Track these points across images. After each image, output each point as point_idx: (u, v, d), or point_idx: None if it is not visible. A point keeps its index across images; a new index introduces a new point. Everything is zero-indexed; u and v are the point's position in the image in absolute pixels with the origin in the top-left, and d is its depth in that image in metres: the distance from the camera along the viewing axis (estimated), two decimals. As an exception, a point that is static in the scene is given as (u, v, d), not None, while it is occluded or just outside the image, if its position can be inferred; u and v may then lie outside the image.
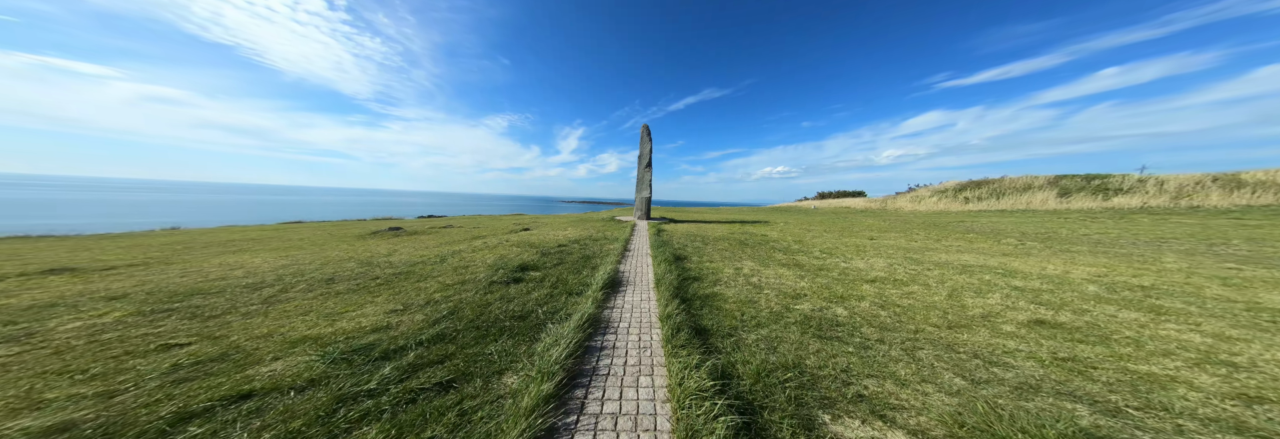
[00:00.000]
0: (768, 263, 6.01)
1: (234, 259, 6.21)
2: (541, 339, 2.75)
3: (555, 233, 9.43)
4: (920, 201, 26.47)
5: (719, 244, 8.06)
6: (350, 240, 9.33)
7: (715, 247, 7.68)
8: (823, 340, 2.85)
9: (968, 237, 9.42)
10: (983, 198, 23.39)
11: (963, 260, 6.15)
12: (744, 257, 6.58)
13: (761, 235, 10.11)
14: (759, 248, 7.64)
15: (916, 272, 5.25)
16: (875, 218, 18.43)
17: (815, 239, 9.23)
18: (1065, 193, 20.13)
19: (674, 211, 25.20)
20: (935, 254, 6.81)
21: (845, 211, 26.46)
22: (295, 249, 7.77)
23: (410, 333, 2.82)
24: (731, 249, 7.41)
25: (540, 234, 9.25)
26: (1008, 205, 20.79)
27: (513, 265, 5.20)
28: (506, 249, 6.67)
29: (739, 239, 9.01)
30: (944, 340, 2.86)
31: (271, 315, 3.15)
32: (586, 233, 9.48)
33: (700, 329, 3.06)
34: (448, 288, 4.08)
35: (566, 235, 8.87)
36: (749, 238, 9.33)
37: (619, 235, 9.14)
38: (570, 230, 10.14)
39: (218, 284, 4.17)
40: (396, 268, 5.09)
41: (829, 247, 7.81)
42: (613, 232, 10.02)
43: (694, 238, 9.00)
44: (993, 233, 10.22)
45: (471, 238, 9.10)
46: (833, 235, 10.14)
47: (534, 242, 7.66)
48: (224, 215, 32.22)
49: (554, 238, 8.34)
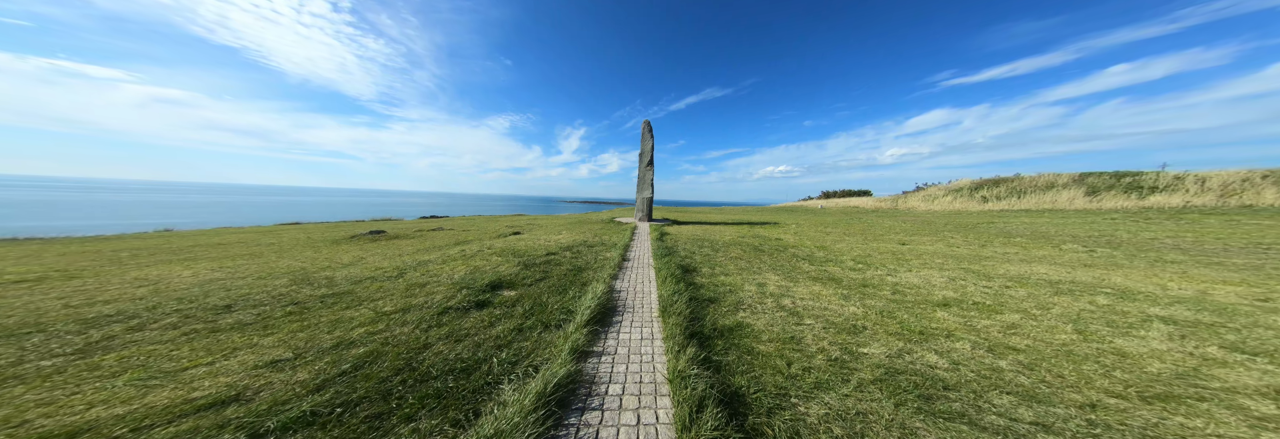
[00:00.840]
0: (795, 276, 4.89)
1: (159, 272, 5.17)
2: (481, 421, 1.66)
3: (547, 238, 8.35)
4: (933, 201, 25.16)
5: (731, 251, 6.94)
6: (322, 245, 8.31)
7: (727, 254, 6.56)
8: (940, 423, 1.73)
9: (1016, 242, 8.21)
10: (1001, 197, 22.06)
11: (1039, 273, 5.00)
12: (764, 267, 5.46)
13: (776, 239, 8.97)
14: (778, 255, 6.51)
15: (993, 291, 4.11)
16: (891, 218, 17.21)
17: (839, 244, 8.08)
18: (1093, 191, 18.79)
19: (676, 212, 24.06)
20: (995, 265, 5.64)
21: (855, 211, 25.21)
22: (250, 257, 6.74)
23: (267, 409, 1.74)
24: (747, 257, 6.29)
25: (530, 239, 8.17)
26: (1031, 205, 19.47)
27: (483, 282, 4.12)
28: (484, 259, 5.59)
29: (752, 244, 7.88)
30: (1159, 431, 1.72)
31: (69, 374, 2.07)
32: (582, 237, 8.39)
33: (732, 396, 1.95)
34: (381, 319, 3.00)
35: (559, 240, 7.78)
36: (763, 243, 8.19)
37: (618, 240, 8.04)
38: (565, 234, 9.06)
39: (71, 313, 3.11)
40: (334, 287, 4.01)
41: (860, 254, 6.66)
42: (611, 235, 8.92)
43: (701, 243, 7.88)
44: (1039, 236, 9.01)
45: (453, 243, 8.05)
46: (856, 239, 8.98)
47: (520, 248, 6.57)
48: (226, 217, 31.51)
49: (544, 244, 7.25)
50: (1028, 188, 22.00)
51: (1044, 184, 21.67)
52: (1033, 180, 22.62)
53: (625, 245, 7.22)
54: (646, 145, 14.70)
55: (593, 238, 8.32)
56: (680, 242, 8.04)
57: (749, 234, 10.18)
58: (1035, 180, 22.52)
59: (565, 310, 3.33)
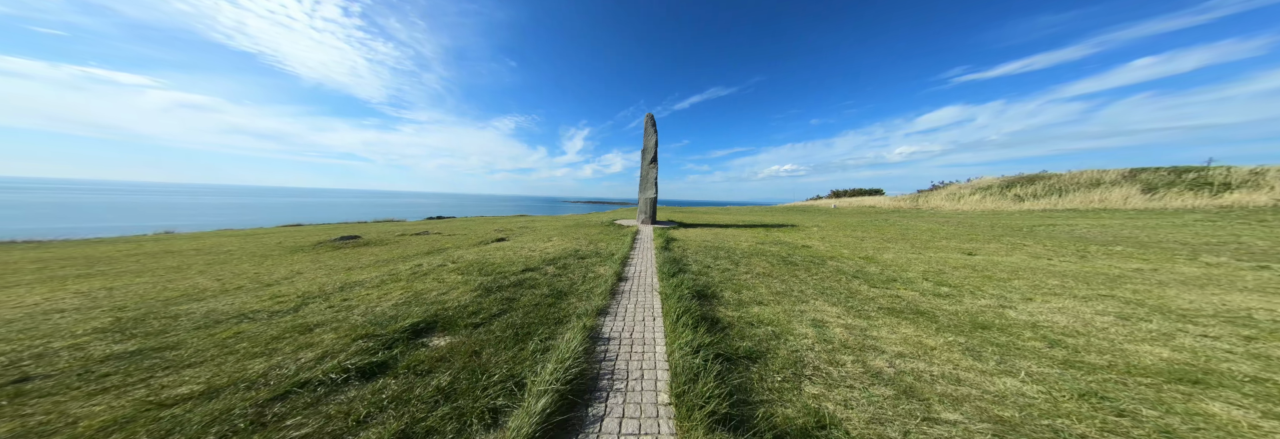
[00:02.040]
0: (862, 307, 3.41)
1: (7, 296, 3.91)
2: None
3: (534, 246, 6.96)
4: (960, 199, 23.18)
5: (754, 263, 5.46)
6: (277, 254, 7.08)
7: (751, 269, 5.09)
8: None
9: (1117, 252, 6.51)
10: (1038, 195, 20.05)
11: (1243, 304, 3.40)
12: (808, 290, 3.99)
13: (803, 247, 7.45)
14: (817, 270, 5.02)
15: (1237, 345, 2.55)
16: (920, 219, 15.45)
17: (885, 254, 6.53)
18: (1150, 188, 16.74)
19: (681, 213, 22.55)
20: (1150, 290, 4.04)
21: (872, 212, 23.37)
22: (167, 272, 5.49)
23: None
24: (778, 273, 4.81)
25: (513, 247, 6.79)
26: (1076, 203, 17.48)
27: (404, 324, 2.74)
28: (438, 279, 4.22)
29: (778, 254, 6.38)
30: None
31: None
32: (574, 245, 6.99)
33: None
34: (135, 419, 1.62)
35: (546, 250, 6.39)
36: (790, 251, 6.68)
37: (616, 248, 6.62)
38: (556, 241, 7.66)
39: None
40: (166, 333, 2.66)
41: (927, 270, 5.12)
42: (609, 242, 7.50)
43: (715, 252, 6.41)
44: (1140, 244, 7.28)
45: (423, 252, 6.72)
46: (902, 247, 7.40)
47: (494, 262, 5.20)
48: (236, 218, 31.08)
49: (526, 255, 5.87)
50: (1067, 185, 19.95)
51: (1087, 181, 19.61)
52: (1073, 177, 20.55)
53: (624, 257, 5.79)
54: (650, 141, 13.26)
55: (587, 246, 6.91)
56: (689, 250, 6.59)
57: (768, 239, 8.66)
58: (1076, 177, 20.45)
59: (510, 386, 1.92)
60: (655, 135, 13.23)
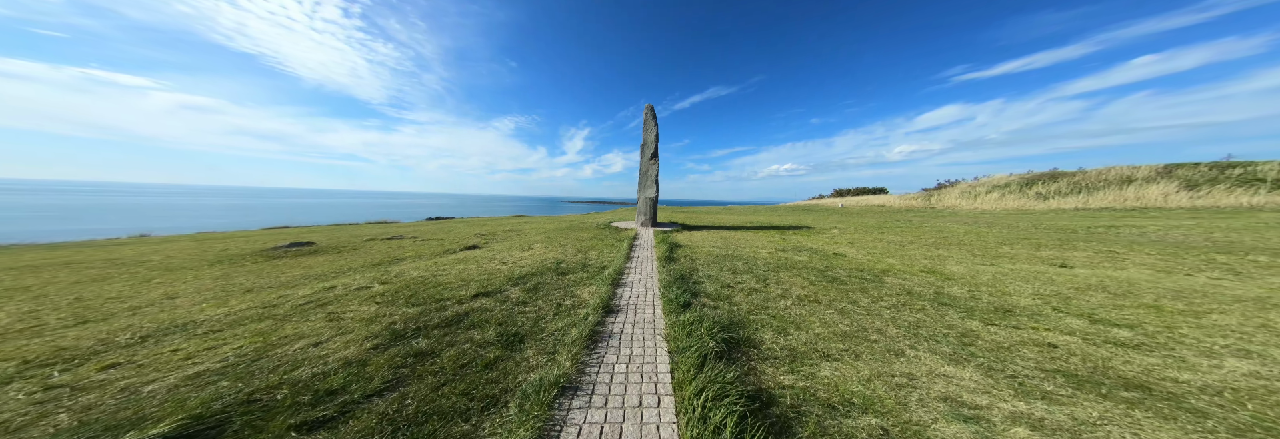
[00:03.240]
0: (1003, 367, 2.02)
1: None
2: None
3: (507, 255, 5.57)
4: (976, 198, 21.73)
5: (789, 281, 4.07)
6: (199, 266, 5.72)
7: (786, 289, 3.69)
8: None
9: (1256, 261, 5.07)
10: (1063, 193, 18.61)
11: None
12: (887, 328, 2.61)
13: (836, 254, 6.05)
14: (877, 291, 3.63)
15: None
16: (945, 219, 14.00)
17: (948, 265, 5.12)
18: (1191, 185, 15.28)
19: (683, 213, 21.12)
20: None
21: (884, 211, 21.91)
22: (9, 293, 4.12)
23: None
24: (828, 297, 3.42)
25: (481, 258, 5.40)
26: (1108, 202, 16.03)
27: None
28: (324, 317, 2.82)
29: (811, 265, 4.98)
30: None
31: None
32: (558, 254, 5.60)
33: None
34: None
35: (521, 261, 5.00)
36: (825, 262, 5.28)
37: (609, 259, 5.23)
38: (537, 248, 6.27)
39: None
40: None
41: (1040, 292, 3.70)
42: (602, 249, 6.10)
43: (732, 263, 5.01)
44: (1255, 249, 5.84)
45: (364, 265, 5.35)
46: (959, 254, 5.99)
47: (443, 281, 3.81)
48: (227, 220, 29.85)
49: (491, 269, 4.48)
50: (1094, 183, 18.50)
51: (1116, 178, 18.15)
52: (1099, 174, 19.09)
53: (617, 272, 4.38)
54: (649, 135, 11.87)
55: (574, 255, 5.51)
56: (699, 261, 5.18)
57: (787, 244, 7.26)
58: (1102, 174, 18.99)
59: None
60: (655, 128, 11.84)
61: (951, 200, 22.75)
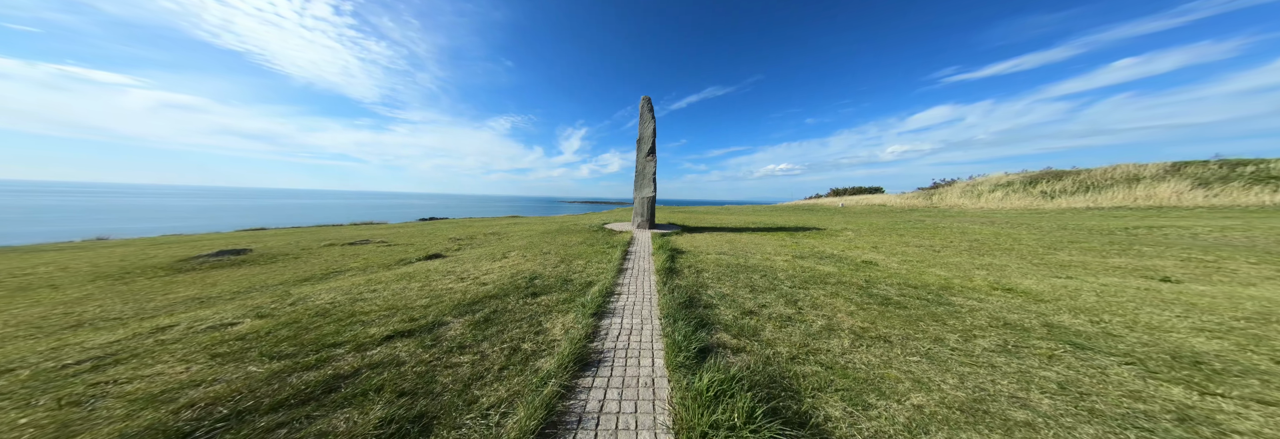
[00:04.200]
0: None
1: None
2: None
3: (468, 268, 4.48)
4: (980, 197, 21.07)
5: (826, 302, 3.06)
6: (77, 283, 4.55)
7: (830, 318, 2.68)
8: None
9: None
10: (1069, 192, 17.97)
11: None
12: (1017, 384, 1.59)
13: (866, 263, 5.07)
14: (954, 321, 2.64)
15: None
16: (960, 219, 13.16)
17: (1014, 277, 4.16)
18: (1203, 183, 14.67)
19: (681, 213, 20.12)
20: None
21: (887, 211, 21.13)
22: None
23: None
24: (892, 330, 2.41)
25: (435, 272, 4.31)
26: (1119, 200, 15.37)
27: None
28: (57, 405, 1.73)
29: (846, 280, 3.97)
30: None
31: None
32: (534, 265, 4.52)
33: None
34: None
35: (484, 277, 3.92)
36: (862, 277, 4.27)
37: (597, 272, 4.17)
38: (512, 257, 5.18)
39: None
40: None
41: (1191, 321, 2.71)
42: (589, 260, 5.03)
43: (747, 277, 3.99)
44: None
45: (285, 281, 4.24)
46: (1015, 263, 5.04)
47: (356, 312, 2.73)
48: (202, 222, 28.18)
49: (440, 288, 3.40)
50: (1100, 181, 17.89)
51: (1123, 176, 17.55)
52: (1105, 172, 18.49)
53: (604, 292, 3.32)
54: (646, 129, 10.83)
55: (554, 267, 4.44)
56: (707, 274, 4.15)
57: (804, 250, 6.28)
58: (1108, 172, 18.39)
59: None
60: (653, 122, 10.81)
61: (954, 199, 22.07)
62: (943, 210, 19.14)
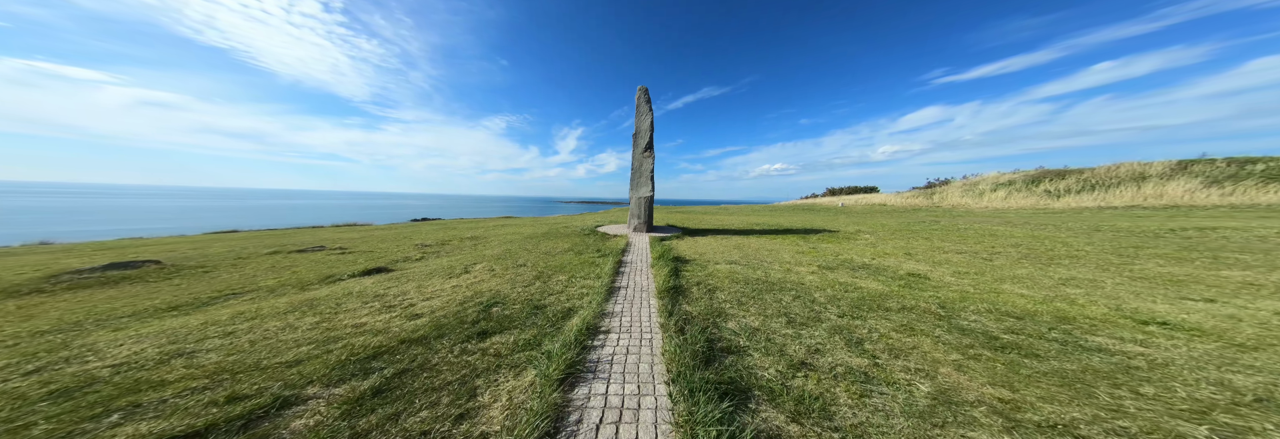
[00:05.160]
0: None
1: None
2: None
3: (413, 290, 3.37)
4: (982, 196, 20.46)
5: (907, 347, 2.04)
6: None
7: (941, 383, 1.65)
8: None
9: None
10: (1074, 190, 17.39)
11: None
12: None
13: (914, 276, 4.09)
14: (1126, 380, 1.63)
15: None
16: (969, 219, 12.36)
17: (1142, 302, 3.19)
18: (1214, 181, 14.11)
19: (680, 214, 19.10)
20: None
21: (890, 210, 20.38)
22: None
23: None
24: (1073, 406, 1.37)
25: (361, 295, 3.19)
26: (1129, 199, 14.76)
27: None
28: None
29: (914, 306, 2.97)
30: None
31: None
32: (501, 283, 3.43)
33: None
34: None
35: (426, 303, 2.82)
36: (928, 299, 3.27)
37: (580, 293, 3.09)
38: (476, 272, 4.08)
39: None
40: None
41: None
42: (573, 274, 3.95)
43: (775, 300, 2.96)
44: None
45: (133, 314, 3.10)
46: (1108, 277, 4.09)
47: (143, 383, 1.61)
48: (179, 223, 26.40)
49: (341, 327, 2.29)
50: (1105, 179, 17.34)
51: (1128, 175, 17.01)
52: (1109, 170, 17.96)
53: (587, 328, 2.24)
54: (644, 122, 9.78)
55: (526, 286, 3.35)
56: (722, 295, 3.10)
57: (827, 258, 5.29)
58: (1112, 171, 17.87)
59: None
60: (650, 115, 9.76)
61: (956, 198, 21.42)
62: (947, 210, 18.43)
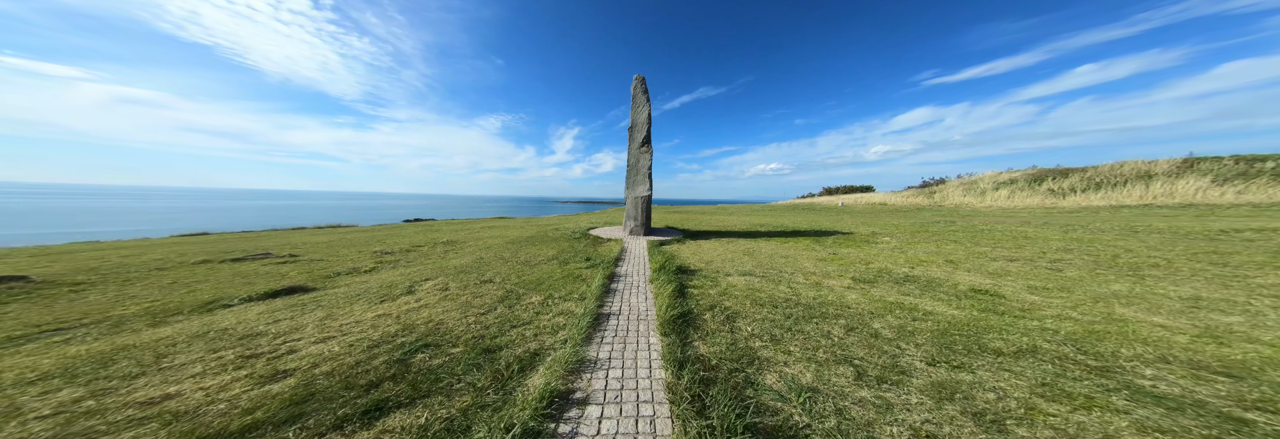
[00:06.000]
0: None
1: None
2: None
3: (315, 326, 2.41)
4: (984, 195, 19.94)
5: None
6: None
7: None
8: None
9: None
10: (1079, 189, 16.91)
11: None
12: None
13: (981, 294, 3.28)
14: None
15: None
16: (983, 219, 11.68)
17: None
18: (1223, 180, 13.66)
19: (678, 214, 18.23)
20: None
21: (890, 210, 19.77)
22: None
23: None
24: None
25: (234, 334, 2.24)
26: (1139, 198, 14.25)
27: None
28: None
29: (1042, 350, 2.16)
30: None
31: None
32: (449, 314, 2.50)
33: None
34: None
35: (322, 351, 1.90)
36: (1064, 338, 2.42)
37: (555, 325, 2.19)
38: (423, 293, 3.14)
39: None
40: None
41: None
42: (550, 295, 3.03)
43: (821, 332, 2.11)
44: None
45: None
46: (1232, 295, 3.30)
47: None
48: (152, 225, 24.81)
49: (130, 407, 1.35)
50: (1110, 178, 16.88)
51: (1133, 173, 16.56)
52: (1113, 169, 17.52)
53: (547, 396, 1.34)
54: (641, 114, 8.87)
55: (477, 318, 2.42)
56: (748, 327, 2.22)
57: (863, 270, 4.45)
58: (1116, 169, 17.42)
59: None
60: (648, 106, 8.84)
61: (958, 198, 20.89)
62: (951, 209, 17.84)
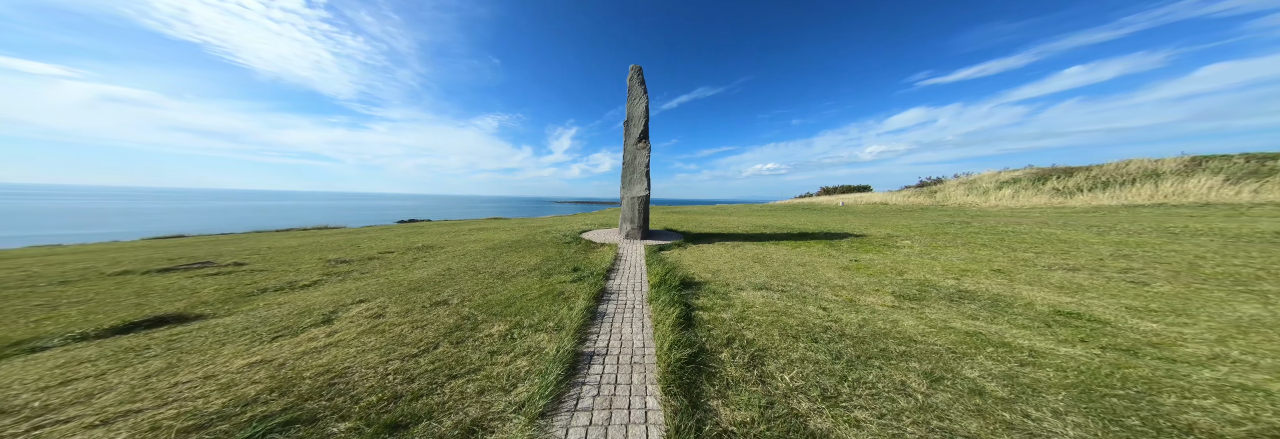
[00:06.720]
0: None
1: None
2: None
3: (152, 382, 1.64)
4: (987, 194, 19.49)
5: None
6: None
7: None
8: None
9: None
10: (1084, 188, 16.47)
11: None
12: None
13: (1082, 319, 2.58)
14: None
15: None
16: (1000, 219, 11.10)
17: None
18: (1235, 179, 13.23)
19: (677, 215, 17.50)
20: None
21: (891, 210, 19.23)
22: None
23: None
24: None
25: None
26: (1149, 197, 13.79)
27: None
28: None
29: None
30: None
31: None
32: (365, 359, 1.75)
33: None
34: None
35: (147, 419, 1.08)
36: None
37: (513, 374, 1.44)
38: (340, 325, 2.37)
39: None
40: None
41: None
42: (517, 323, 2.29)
43: (893, 388, 1.36)
44: None
45: None
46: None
47: None
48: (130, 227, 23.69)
49: None
50: (1116, 177, 16.45)
51: (1139, 172, 16.14)
52: (1119, 168, 17.11)
53: None
54: (638, 107, 8.14)
55: (406, 363, 1.66)
56: (783, 381, 1.50)
57: (900, 283, 3.77)
58: (1122, 168, 17.01)
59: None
60: (645, 98, 8.10)
61: (960, 197, 20.41)
62: (956, 209, 17.32)
